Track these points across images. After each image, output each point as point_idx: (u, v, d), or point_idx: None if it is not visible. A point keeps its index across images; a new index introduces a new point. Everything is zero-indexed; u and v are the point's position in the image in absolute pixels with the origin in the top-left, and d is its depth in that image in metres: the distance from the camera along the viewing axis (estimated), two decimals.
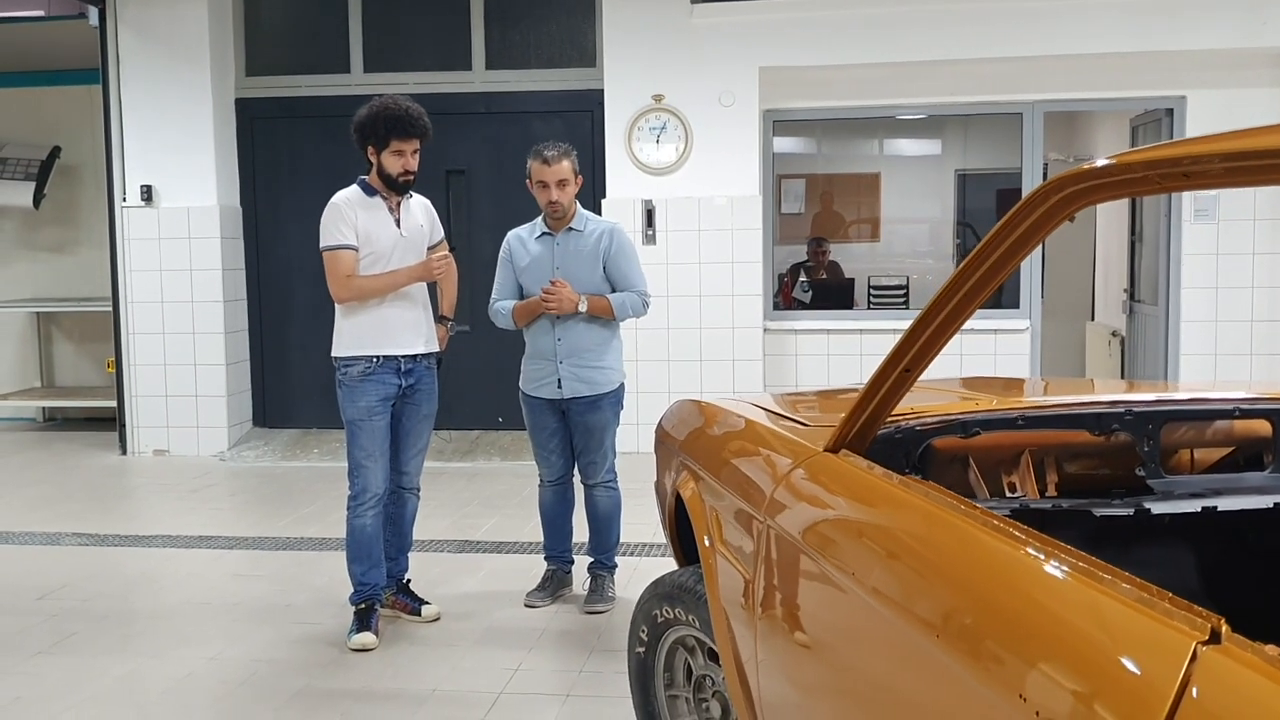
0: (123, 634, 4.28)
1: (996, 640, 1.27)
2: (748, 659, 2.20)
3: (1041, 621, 1.23)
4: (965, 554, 1.43)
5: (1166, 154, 1.38)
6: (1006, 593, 1.32)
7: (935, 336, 1.79)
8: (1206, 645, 1.02)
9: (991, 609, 1.32)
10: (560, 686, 3.70)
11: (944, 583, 1.44)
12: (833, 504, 1.90)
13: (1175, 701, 0.99)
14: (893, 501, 1.68)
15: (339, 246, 4.09)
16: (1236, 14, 6.91)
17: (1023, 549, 1.33)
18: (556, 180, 4.31)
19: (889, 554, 1.62)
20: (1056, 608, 1.23)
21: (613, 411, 4.46)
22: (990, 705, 1.26)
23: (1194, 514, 2.10)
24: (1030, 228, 1.62)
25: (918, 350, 1.81)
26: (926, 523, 1.56)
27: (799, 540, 1.91)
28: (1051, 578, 1.26)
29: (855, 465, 1.86)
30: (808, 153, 10.19)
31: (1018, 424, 2.22)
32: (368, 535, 4.17)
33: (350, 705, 3.58)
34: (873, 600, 1.59)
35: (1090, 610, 1.18)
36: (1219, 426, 2.38)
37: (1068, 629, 1.19)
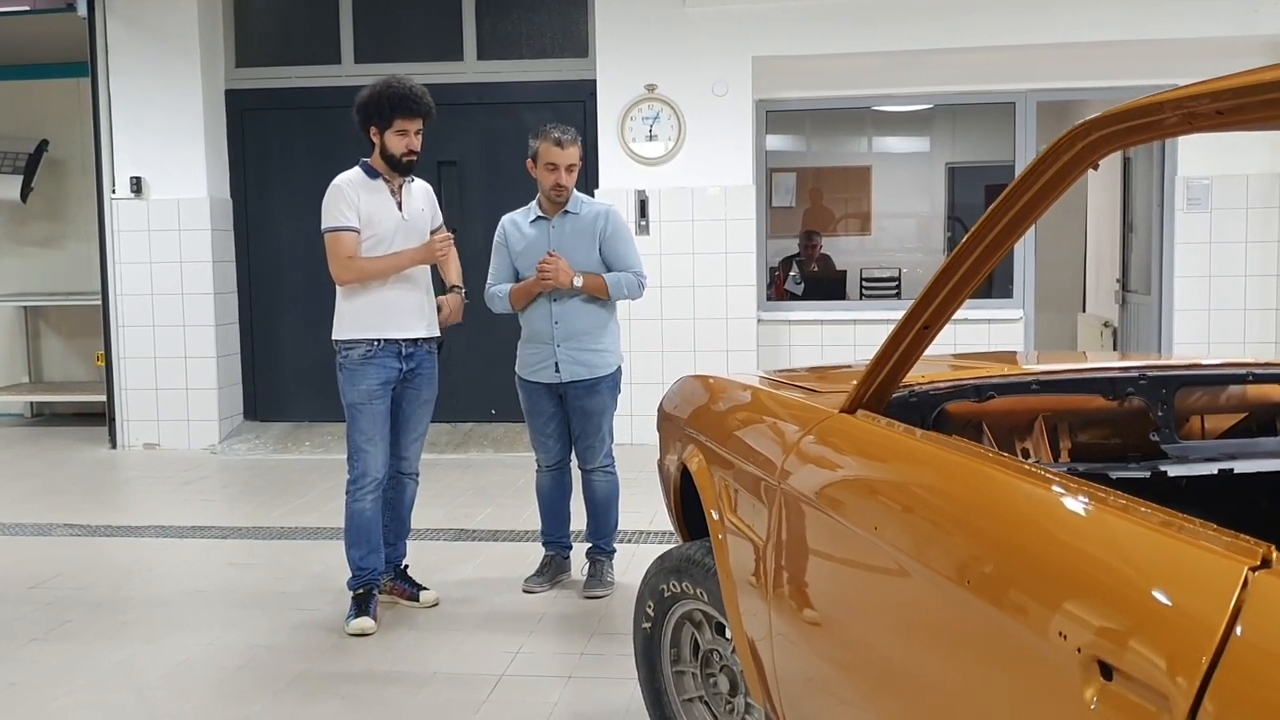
0: (117, 621, 4.23)
1: (1031, 581, 1.25)
2: (760, 629, 2.17)
3: (1080, 559, 1.21)
4: (996, 499, 1.41)
5: (1191, 92, 1.36)
6: (1040, 534, 1.30)
7: (955, 292, 1.77)
8: (1258, 570, 1.00)
9: (1025, 551, 1.29)
10: (562, 669, 3.67)
11: (974, 530, 1.42)
12: (853, 463, 1.87)
13: (1228, 629, 0.97)
14: (917, 455, 1.66)
15: (341, 228, 4.06)
16: (1229, 2, 6.92)
17: (1055, 489, 1.31)
18: (567, 164, 4.29)
19: (913, 507, 1.60)
20: (1094, 544, 1.21)
21: (610, 395, 4.43)
22: (1026, 647, 1.23)
23: (1210, 477, 2.09)
24: (1055, 175, 1.60)
25: (937, 306, 1.79)
26: (953, 473, 1.53)
27: (816, 502, 1.88)
28: (1089, 516, 1.24)
29: (875, 423, 1.84)
30: (799, 147, 10.18)
31: (1032, 389, 2.21)
32: (366, 519, 4.14)
33: (350, 688, 3.54)
34: (899, 555, 1.56)
35: (1133, 543, 1.16)
36: (1232, 392, 2.37)
37: (1108, 564, 1.17)
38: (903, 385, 2.15)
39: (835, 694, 1.87)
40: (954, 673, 1.42)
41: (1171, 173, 7.37)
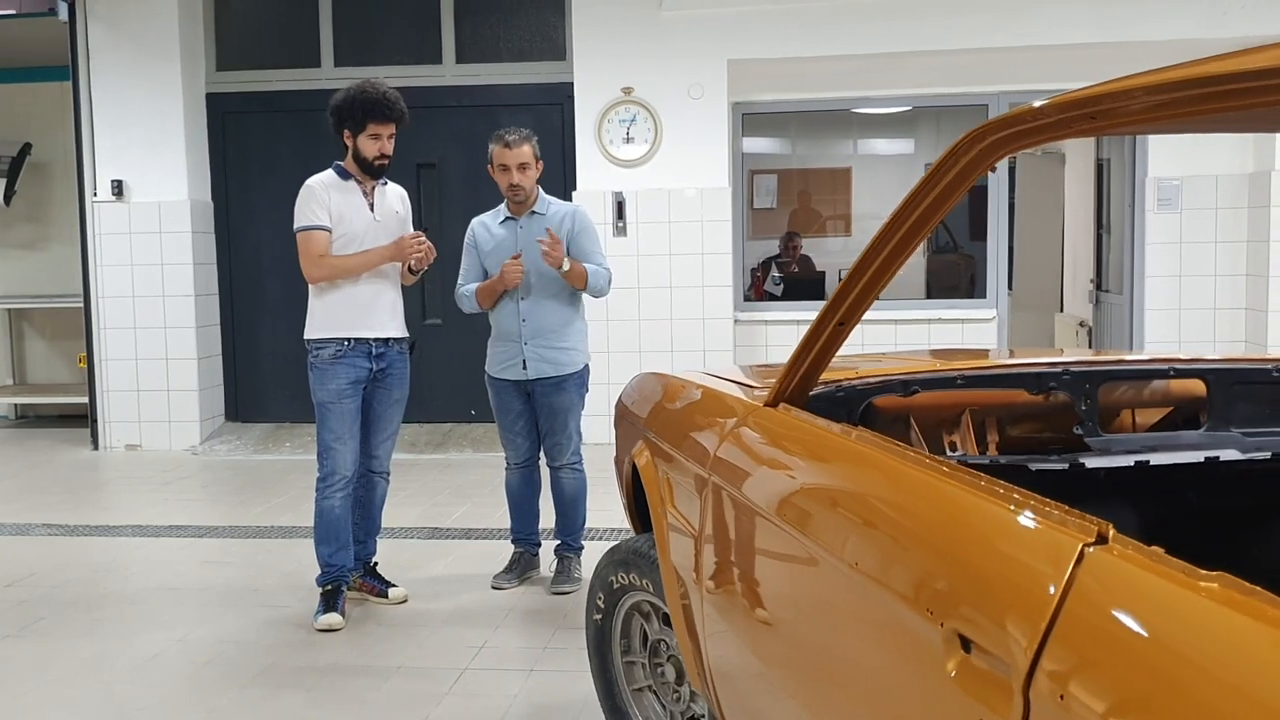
0: (90, 618, 4.29)
1: (906, 563, 1.32)
2: (695, 618, 2.25)
3: (945, 540, 1.28)
4: (881, 486, 1.48)
5: (1079, 96, 1.43)
6: (913, 518, 1.37)
7: (867, 290, 1.84)
8: (1093, 546, 1.07)
9: (902, 534, 1.37)
10: (524, 662, 3.74)
11: (862, 515, 1.49)
12: (767, 455, 1.94)
13: (1061, 599, 1.04)
14: (821, 446, 1.73)
15: (312, 227, 4.13)
16: (1197, 5, 7.01)
17: (930, 476, 1.38)
18: (517, 164, 4.36)
19: (815, 495, 1.68)
20: (960, 524, 1.29)
21: (578, 393, 4.50)
22: (906, 625, 1.31)
23: (1129, 469, 2.16)
24: (956, 177, 1.67)
25: (850, 304, 1.86)
26: (848, 462, 1.61)
27: (737, 493, 1.96)
28: (957, 497, 1.31)
29: (793, 416, 1.91)
30: (780, 148, 10.25)
31: (957, 384, 2.28)
32: (335, 517, 4.20)
33: (315, 681, 3.61)
34: (804, 541, 1.64)
35: (990, 523, 1.23)
36: (1156, 387, 2.45)
37: (967, 545, 1.24)
38: (832, 381, 2.22)
39: (756, 677, 1.94)
40: (851, 651, 1.49)
41: (1142, 174, 7.46)
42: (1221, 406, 2.38)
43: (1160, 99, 1.31)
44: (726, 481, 2.02)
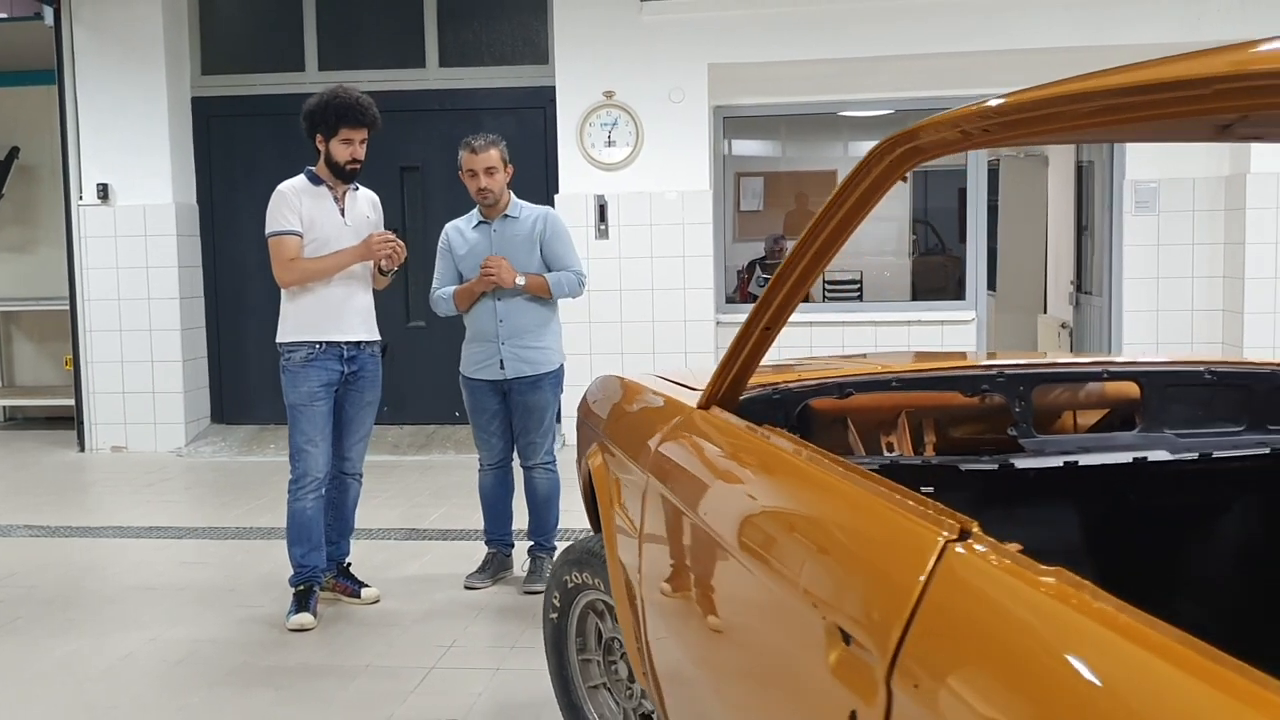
0: (67, 618, 4.34)
1: (800, 559, 1.37)
2: (638, 616, 2.30)
3: (828, 534, 1.34)
4: (782, 485, 1.54)
5: (975, 110, 1.48)
6: (804, 516, 1.42)
7: (791, 295, 1.89)
8: (955, 543, 1.12)
9: (796, 531, 1.42)
10: (491, 661, 3.79)
11: (766, 512, 1.54)
12: (693, 455, 2.00)
13: (922, 592, 1.10)
14: (738, 446, 1.79)
15: (283, 232, 4.19)
16: (1174, 8, 7.08)
17: (824, 473, 1.44)
18: (484, 168, 4.41)
19: (729, 494, 1.73)
20: (840, 521, 1.34)
21: (553, 392, 4.56)
22: (796, 616, 1.36)
23: (1058, 470, 2.21)
24: (869, 187, 1.72)
25: (775, 309, 1.91)
26: (759, 462, 1.66)
27: (669, 493, 2.01)
28: (842, 494, 1.36)
29: (718, 418, 1.97)
30: (766, 151, 10.31)
31: (892, 386, 2.33)
32: (307, 518, 4.25)
33: (284, 679, 3.66)
34: (721, 538, 1.69)
35: (867, 519, 1.28)
36: (1091, 389, 2.50)
37: (846, 540, 1.30)
38: (770, 384, 2.27)
39: (689, 673, 1.99)
40: (757, 645, 1.55)
41: (1120, 176, 7.51)
42: (1155, 408, 2.43)
43: (1053, 110, 1.37)
44: (660, 482, 2.08)
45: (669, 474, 2.03)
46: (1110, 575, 2.40)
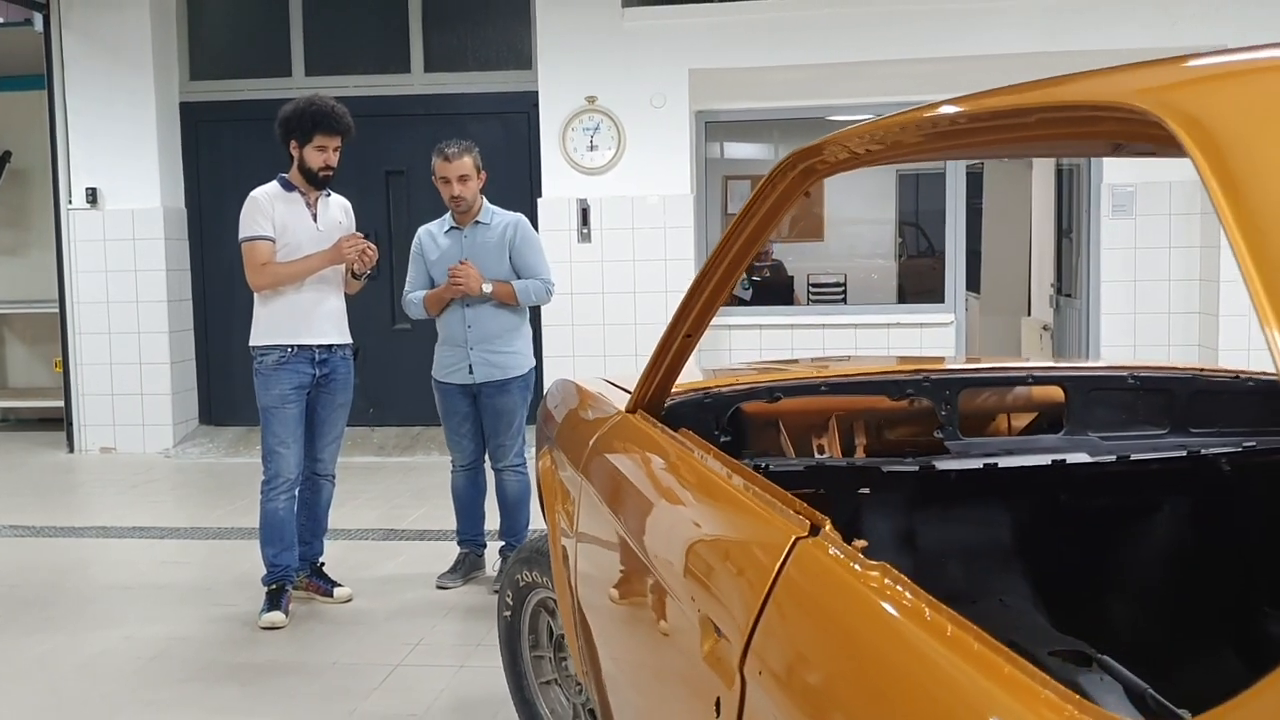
0: (45, 616, 4.42)
1: (679, 554, 1.45)
2: (574, 612, 2.38)
3: (702, 529, 1.41)
4: (667, 484, 1.62)
5: (853, 131, 1.56)
6: (686, 509, 1.50)
7: (709, 303, 1.97)
8: (805, 538, 1.20)
9: (678, 525, 1.50)
10: (456, 658, 3.87)
11: (657, 511, 1.62)
12: (614, 457, 2.08)
13: (771, 584, 1.18)
14: (647, 447, 1.87)
15: (256, 237, 4.28)
16: (1146, 13, 7.14)
17: (709, 474, 1.52)
18: (458, 175, 4.49)
19: (634, 495, 1.81)
20: (713, 517, 1.42)
21: (521, 396, 4.63)
22: (681, 610, 1.44)
23: (978, 471, 2.29)
24: (776, 202, 1.81)
25: (695, 316, 1.99)
26: (660, 463, 1.74)
27: (595, 493, 2.09)
28: (718, 493, 1.44)
29: (638, 421, 2.05)
30: (754, 154, 10.39)
31: (820, 390, 2.41)
32: (279, 519, 4.34)
33: (252, 676, 3.75)
34: (627, 537, 1.77)
35: (736, 516, 1.36)
36: (1018, 393, 2.58)
37: (717, 534, 1.37)
38: (701, 388, 2.35)
39: (611, 665, 2.07)
40: (655, 637, 1.63)
41: (1097, 180, 7.58)
42: (1079, 412, 2.51)
43: (940, 129, 1.45)
44: (589, 483, 2.16)
45: (595, 475, 2.12)
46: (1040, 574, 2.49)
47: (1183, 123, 0.81)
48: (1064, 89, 1.03)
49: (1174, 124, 0.82)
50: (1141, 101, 0.87)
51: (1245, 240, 0.72)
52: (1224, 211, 0.74)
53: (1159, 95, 0.86)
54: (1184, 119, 0.81)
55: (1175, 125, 0.82)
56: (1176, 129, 0.82)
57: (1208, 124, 0.79)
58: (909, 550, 2.47)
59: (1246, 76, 0.86)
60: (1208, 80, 0.86)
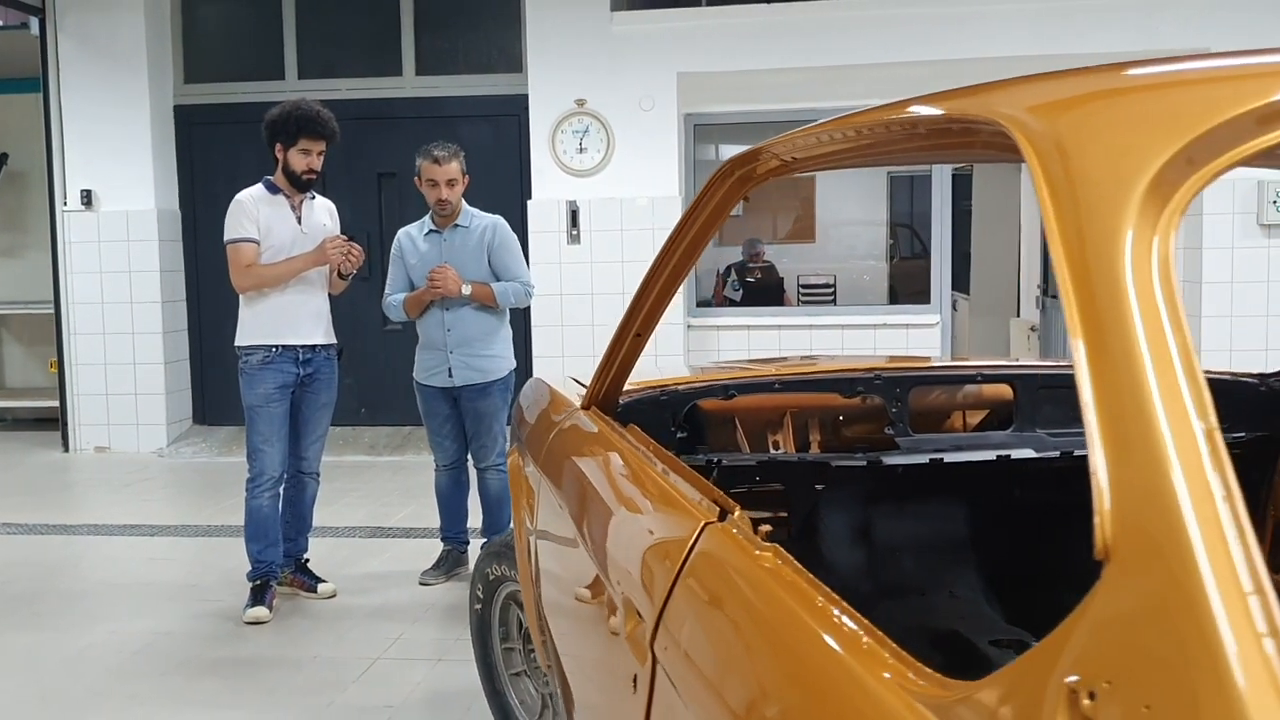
0: (32, 612, 4.50)
1: (605, 540, 1.52)
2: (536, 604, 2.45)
3: (625, 516, 1.49)
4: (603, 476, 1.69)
5: (781, 140, 1.63)
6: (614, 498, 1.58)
7: (658, 303, 2.05)
8: (714, 523, 1.27)
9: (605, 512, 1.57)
10: (434, 652, 3.95)
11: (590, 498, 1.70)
12: (566, 452, 2.15)
13: (680, 566, 1.25)
14: (593, 443, 1.94)
15: (241, 239, 4.36)
16: (1131, 17, 7.21)
17: (643, 466, 1.59)
18: (446, 179, 4.57)
19: (579, 486, 1.88)
20: (636, 504, 1.49)
21: (502, 398, 4.70)
22: (606, 594, 1.51)
23: (924, 466, 2.36)
24: (717, 206, 1.88)
25: (644, 317, 2.06)
26: (603, 455, 1.81)
27: (551, 487, 2.16)
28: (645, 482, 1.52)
29: (591, 417, 2.12)
30: None
31: (774, 388, 2.48)
32: (264, 515, 4.41)
33: (233, 669, 3.82)
34: (572, 528, 1.84)
35: (661, 506, 1.43)
36: (968, 391, 2.65)
37: (639, 520, 1.45)
38: (657, 385, 2.42)
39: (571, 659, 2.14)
40: (593, 621, 1.70)
41: None
42: (1028, 409, 2.58)
43: (852, 139, 1.52)
44: (546, 478, 2.23)
45: (549, 471, 2.19)
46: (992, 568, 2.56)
47: (1024, 135, 0.88)
48: (941, 103, 1.10)
49: (1018, 136, 0.89)
50: (994, 114, 0.93)
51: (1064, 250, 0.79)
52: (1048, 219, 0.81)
53: (1008, 109, 0.93)
54: (1026, 131, 0.88)
55: (1019, 137, 0.89)
56: (1020, 141, 0.89)
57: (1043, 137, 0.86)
58: (864, 544, 2.55)
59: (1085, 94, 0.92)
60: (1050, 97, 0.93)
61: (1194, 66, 0.87)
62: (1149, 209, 0.75)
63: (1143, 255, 0.75)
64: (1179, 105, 0.79)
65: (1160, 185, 0.76)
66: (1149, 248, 0.75)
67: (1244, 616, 0.57)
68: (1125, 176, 0.76)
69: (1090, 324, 0.76)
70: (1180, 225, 0.75)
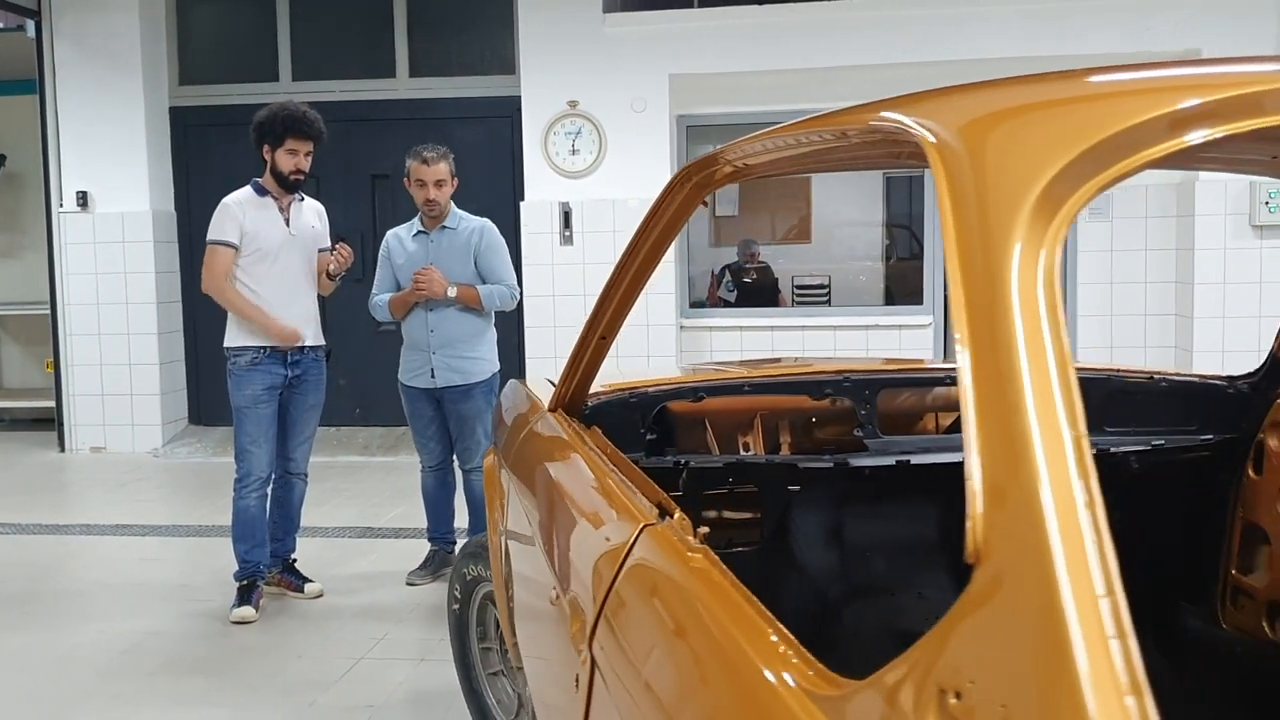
0: (23, 612, 4.53)
1: (557, 541, 1.55)
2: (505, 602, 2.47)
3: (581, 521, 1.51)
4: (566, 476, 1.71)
5: (731, 146, 1.66)
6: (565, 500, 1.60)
7: (621, 307, 2.07)
8: (653, 525, 1.30)
9: (558, 515, 1.60)
10: (417, 652, 3.97)
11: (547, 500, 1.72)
12: (530, 453, 2.17)
13: (619, 568, 1.27)
14: (554, 445, 1.96)
15: (220, 242, 4.40)
16: (1124, 19, 7.22)
17: (595, 467, 1.61)
18: (434, 180, 4.59)
19: (541, 486, 1.91)
20: (592, 509, 1.51)
21: (485, 400, 4.72)
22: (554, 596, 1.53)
23: (890, 468, 2.39)
24: (677, 211, 1.90)
25: (608, 320, 2.09)
26: (562, 458, 1.84)
27: (516, 489, 2.19)
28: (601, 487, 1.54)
29: (551, 420, 2.14)
30: None
31: (744, 390, 2.50)
32: (251, 516, 4.44)
33: (218, 668, 3.85)
34: (533, 529, 1.87)
35: (609, 507, 1.46)
36: (937, 393, 2.67)
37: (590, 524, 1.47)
38: (627, 387, 2.45)
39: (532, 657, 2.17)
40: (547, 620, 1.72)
41: None
42: None
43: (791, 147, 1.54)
44: (514, 478, 2.25)
45: (516, 472, 2.21)
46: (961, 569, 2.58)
47: (930, 147, 0.90)
48: (867, 113, 1.12)
49: (926, 147, 0.91)
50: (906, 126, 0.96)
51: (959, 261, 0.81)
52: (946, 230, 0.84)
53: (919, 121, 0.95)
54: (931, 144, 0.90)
55: (927, 149, 0.91)
56: (928, 152, 0.91)
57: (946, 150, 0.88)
58: (835, 545, 2.57)
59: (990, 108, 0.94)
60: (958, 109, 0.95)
61: (1098, 80, 0.89)
62: (1038, 222, 0.77)
63: (1029, 267, 0.77)
64: (1071, 120, 0.81)
65: (1049, 198, 0.78)
66: (1036, 259, 0.78)
67: (1095, 619, 0.59)
68: (1017, 190, 0.78)
69: (975, 334, 0.78)
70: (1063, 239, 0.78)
